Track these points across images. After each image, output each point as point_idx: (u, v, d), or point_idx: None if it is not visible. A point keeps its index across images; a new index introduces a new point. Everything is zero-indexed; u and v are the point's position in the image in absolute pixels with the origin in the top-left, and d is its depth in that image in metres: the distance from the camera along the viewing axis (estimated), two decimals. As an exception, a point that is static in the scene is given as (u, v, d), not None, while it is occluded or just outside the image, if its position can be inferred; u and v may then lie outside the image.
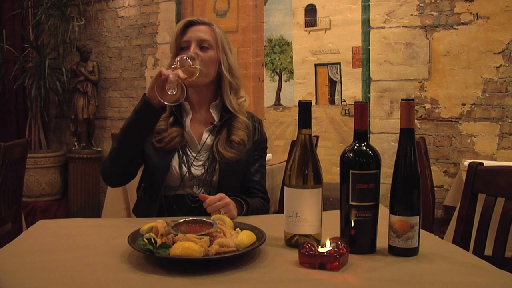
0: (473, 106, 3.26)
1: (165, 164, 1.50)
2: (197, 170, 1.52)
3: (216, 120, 1.58)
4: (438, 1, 3.32)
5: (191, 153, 1.54)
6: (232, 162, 1.52)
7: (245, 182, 1.58)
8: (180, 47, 1.54)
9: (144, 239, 0.98)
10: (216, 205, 1.33)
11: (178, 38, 1.54)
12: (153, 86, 1.34)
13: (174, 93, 1.33)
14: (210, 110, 1.59)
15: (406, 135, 1.05)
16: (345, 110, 3.67)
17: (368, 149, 1.07)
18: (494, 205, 1.41)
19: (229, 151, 1.52)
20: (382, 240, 1.06)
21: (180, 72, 1.33)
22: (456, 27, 3.28)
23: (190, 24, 1.55)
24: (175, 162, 1.51)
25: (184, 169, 1.51)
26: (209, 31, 1.55)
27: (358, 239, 1.05)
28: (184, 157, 1.52)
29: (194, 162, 1.53)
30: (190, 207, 1.48)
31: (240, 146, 1.54)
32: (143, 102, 1.39)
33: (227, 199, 1.35)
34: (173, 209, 1.49)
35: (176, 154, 1.52)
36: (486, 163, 1.56)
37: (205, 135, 1.56)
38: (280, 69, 3.87)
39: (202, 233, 1.00)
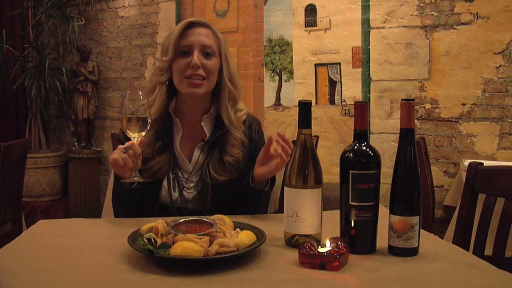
0: (473, 106, 3.26)
1: (154, 191, 1.42)
2: (189, 194, 1.44)
3: (208, 135, 1.47)
4: (438, 1, 3.32)
5: (182, 175, 1.45)
6: (224, 184, 1.43)
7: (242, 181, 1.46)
8: (180, 51, 1.41)
9: (144, 239, 0.98)
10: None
11: (177, 40, 1.40)
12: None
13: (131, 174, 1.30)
14: (202, 123, 1.48)
15: (406, 135, 1.05)
16: (345, 110, 3.67)
17: (368, 149, 1.07)
18: (494, 205, 1.41)
19: (222, 174, 1.43)
20: (382, 240, 1.06)
21: (128, 161, 1.24)
22: (456, 27, 3.28)
23: (190, 25, 1.43)
24: (165, 188, 1.43)
25: (175, 194, 1.43)
26: (211, 36, 1.44)
27: (358, 239, 1.05)
28: (174, 180, 1.44)
29: (185, 185, 1.44)
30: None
31: (233, 168, 1.44)
32: (115, 176, 1.36)
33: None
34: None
35: (166, 178, 1.44)
36: (486, 163, 1.56)
37: (196, 153, 1.46)
38: (280, 69, 3.86)
39: (202, 233, 1.00)
